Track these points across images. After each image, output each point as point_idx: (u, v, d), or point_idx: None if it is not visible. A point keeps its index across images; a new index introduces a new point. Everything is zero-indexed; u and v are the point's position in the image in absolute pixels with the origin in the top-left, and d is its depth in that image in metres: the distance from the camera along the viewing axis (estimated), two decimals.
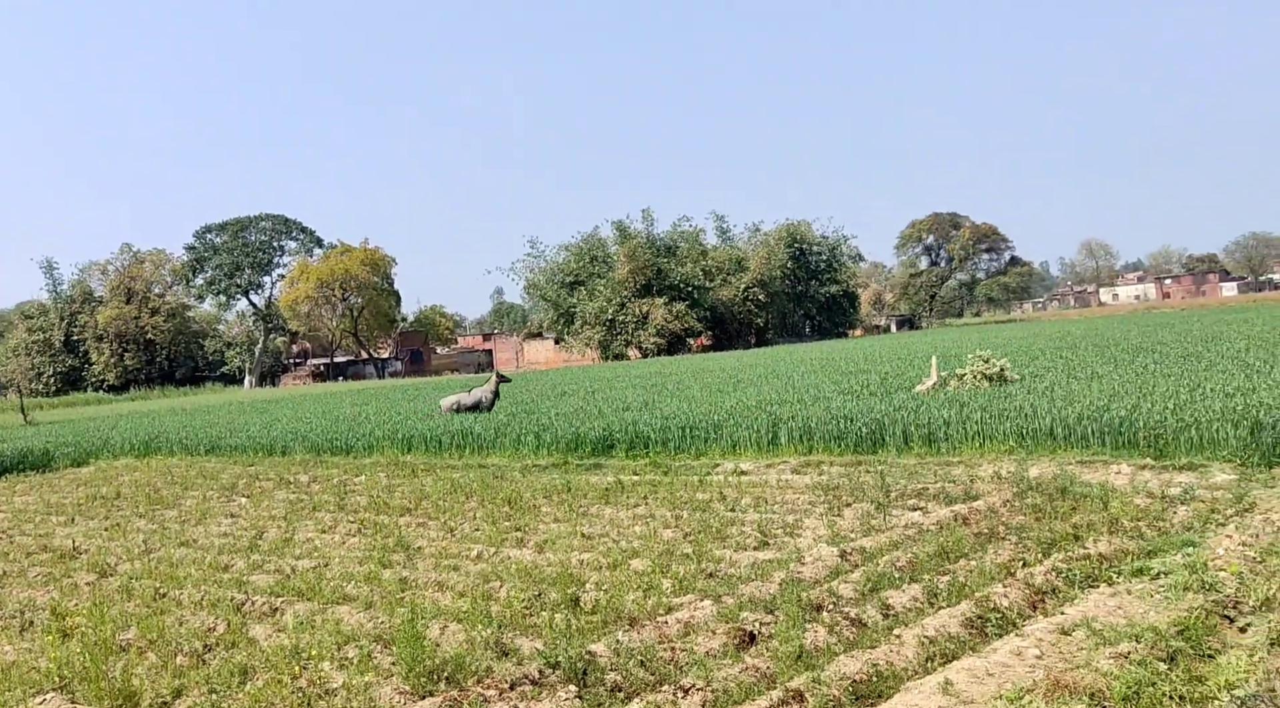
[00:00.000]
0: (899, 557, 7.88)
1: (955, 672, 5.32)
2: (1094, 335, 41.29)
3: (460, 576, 8.61)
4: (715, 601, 6.96)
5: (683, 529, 9.91)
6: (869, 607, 6.60)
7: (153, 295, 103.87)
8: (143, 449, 24.73)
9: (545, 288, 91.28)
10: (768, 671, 5.60)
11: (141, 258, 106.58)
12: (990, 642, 5.88)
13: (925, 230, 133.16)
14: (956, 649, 5.80)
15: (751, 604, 6.80)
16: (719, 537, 9.44)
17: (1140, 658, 5.24)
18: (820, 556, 8.11)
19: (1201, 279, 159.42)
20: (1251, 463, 11.20)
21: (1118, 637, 5.58)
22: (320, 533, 11.49)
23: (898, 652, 5.71)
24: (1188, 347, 27.31)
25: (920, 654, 5.71)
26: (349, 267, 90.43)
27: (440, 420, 21.47)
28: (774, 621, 6.42)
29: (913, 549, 8.15)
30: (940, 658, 5.69)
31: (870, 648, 5.77)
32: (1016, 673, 5.29)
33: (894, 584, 7.15)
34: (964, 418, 14.03)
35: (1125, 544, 7.92)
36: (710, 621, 6.58)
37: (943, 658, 5.68)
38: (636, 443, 16.33)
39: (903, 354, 37.69)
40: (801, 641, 5.95)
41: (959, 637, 5.97)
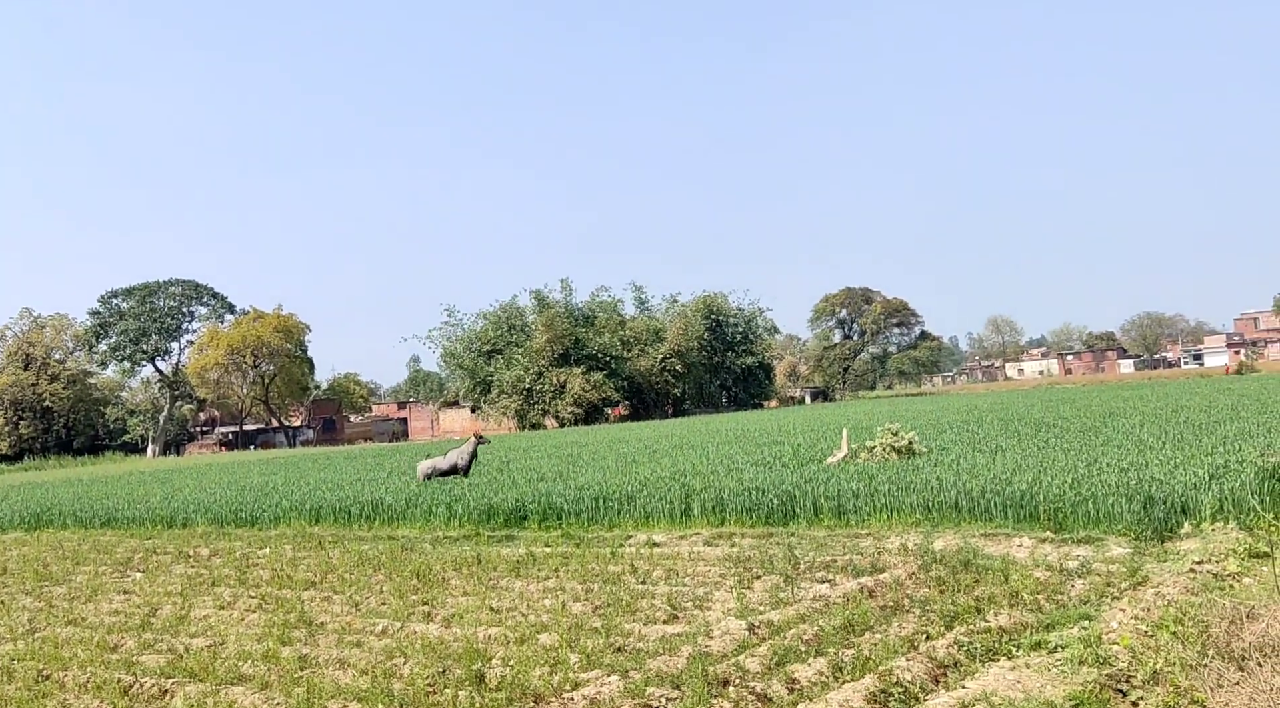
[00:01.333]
0: (806, 630, 7.93)
1: None
2: (999, 409, 42.44)
3: (363, 652, 8.38)
4: (623, 676, 6.90)
5: (593, 603, 9.82)
6: (775, 681, 6.61)
7: (52, 362, 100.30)
8: (33, 522, 23.66)
9: (462, 356, 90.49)
10: None
11: (42, 323, 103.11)
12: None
13: (838, 304, 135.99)
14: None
15: (659, 680, 6.75)
16: (629, 610, 9.37)
17: None
18: (728, 629, 8.11)
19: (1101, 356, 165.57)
20: (1144, 537, 11.58)
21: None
22: (218, 609, 11.09)
23: None
24: (1087, 422, 28.25)
25: None
26: (261, 333, 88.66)
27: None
28: (680, 696, 6.39)
29: (819, 622, 8.20)
30: None
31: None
32: None
33: (800, 658, 7.18)
34: (872, 491, 14.27)
35: (1025, 617, 8.09)
36: (617, 697, 6.51)
37: None
38: (550, 514, 16.20)
39: (816, 426, 38.21)
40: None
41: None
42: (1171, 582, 9.09)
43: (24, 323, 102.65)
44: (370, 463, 36.33)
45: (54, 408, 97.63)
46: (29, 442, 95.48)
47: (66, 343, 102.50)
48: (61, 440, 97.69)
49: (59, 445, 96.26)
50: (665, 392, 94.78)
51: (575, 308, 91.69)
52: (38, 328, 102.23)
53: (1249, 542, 10.62)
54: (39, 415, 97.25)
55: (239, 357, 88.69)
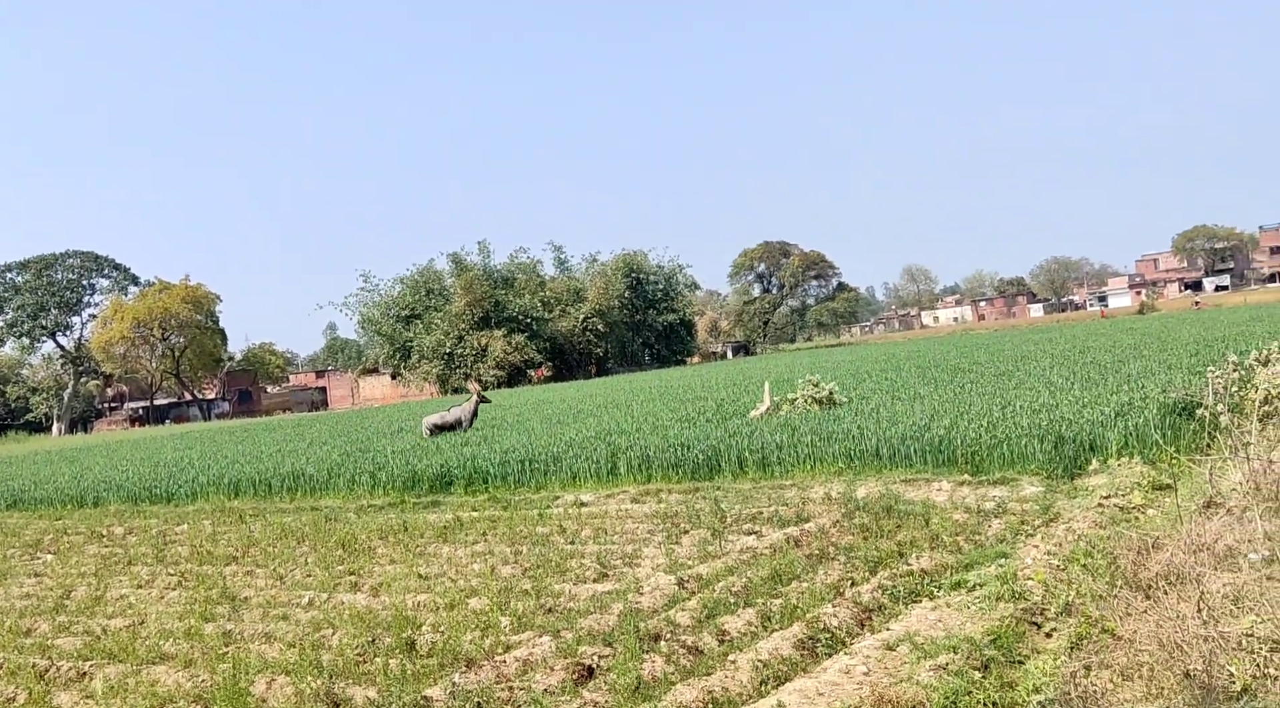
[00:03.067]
0: (734, 582, 8.03)
1: (788, 694, 5.46)
2: (916, 357, 43.35)
3: (290, 625, 8.26)
4: (554, 636, 6.91)
5: (522, 565, 9.81)
6: (705, 634, 6.69)
7: None
8: None
9: (380, 322, 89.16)
10: (606, 704, 5.59)
11: None
12: (821, 661, 6.05)
13: (757, 259, 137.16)
14: (789, 671, 5.94)
15: (590, 638, 6.79)
16: (558, 571, 9.39)
17: (957, 669, 5.50)
18: (658, 585, 8.18)
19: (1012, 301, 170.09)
20: (1056, 475, 11.97)
21: (937, 649, 5.84)
22: (136, 589, 10.81)
23: (733, 677, 5.81)
24: (1000, 366, 29.02)
25: (755, 678, 5.82)
26: (168, 305, 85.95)
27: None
28: (612, 653, 6.43)
29: (747, 574, 8.32)
30: (774, 681, 5.81)
31: (706, 675, 5.84)
32: (845, 691, 5.46)
33: (729, 610, 7.28)
34: (795, 442, 14.47)
35: (945, 559, 8.31)
36: (549, 657, 6.53)
37: (776, 681, 5.81)
38: (475, 479, 16.10)
39: (738, 380, 38.58)
40: (639, 672, 5.97)
41: (791, 658, 6.12)
42: (1081, 517, 9.41)
43: None
44: (290, 434, 35.67)
45: None
46: None
47: None
48: None
49: None
50: (588, 352, 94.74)
51: (494, 270, 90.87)
52: None
53: (1152, 475, 11.05)
54: None
55: (146, 330, 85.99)
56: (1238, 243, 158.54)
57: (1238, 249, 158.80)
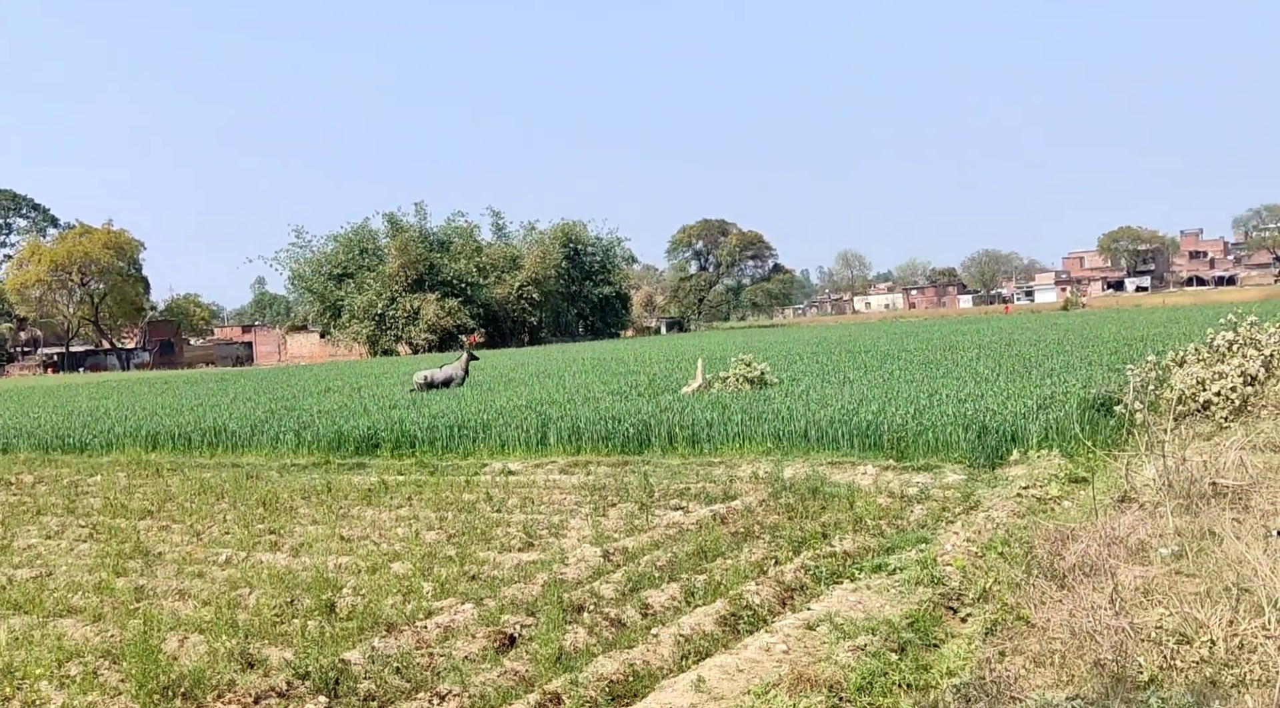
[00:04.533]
0: (659, 557, 8.06)
1: (708, 669, 5.50)
2: (848, 341, 43.91)
3: (206, 583, 8.09)
4: (477, 604, 6.87)
5: (447, 531, 9.74)
6: (629, 607, 6.71)
7: None
8: None
9: (311, 280, 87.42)
10: (527, 674, 5.58)
11: None
12: (742, 638, 6.11)
13: (695, 236, 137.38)
14: (710, 647, 5.99)
15: (513, 607, 6.76)
16: (484, 538, 9.34)
17: (874, 650, 5.59)
18: (584, 556, 8.18)
19: (942, 291, 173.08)
20: (978, 464, 12.23)
21: (856, 630, 5.93)
22: (45, 539, 10.50)
23: (654, 651, 5.83)
24: (928, 354, 29.52)
25: (676, 653, 5.86)
26: (89, 250, 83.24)
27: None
28: (535, 623, 6.41)
29: (673, 549, 8.36)
30: (695, 656, 5.85)
31: (628, 648, 5.86)
32: (765, 668, 5.52)
33: (654, 584, 7.31)
34: (725, 420, 14.56)
35: (868, 541, 8.44)
36: (471, 624, 6.49)
37: (697, 656, 5.85)
38: (403, 442, 15.93)
39: (671, 356, 38.70)
40: (561, 642, 5.97)
41: (713, 634, 6.17)
42: (1000, 506, 9.63)
43: None
44: (213, 388, 34.90)
45: None
46: None
47: None
48: None
49: None
50: (522, 320, 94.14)
51: (430, 232, 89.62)
52: None
53: (1070, 468, 11.34)
54: None
55: (64, 274, 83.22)
56: (1160, 246, 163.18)
57: (1159, 252, 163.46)
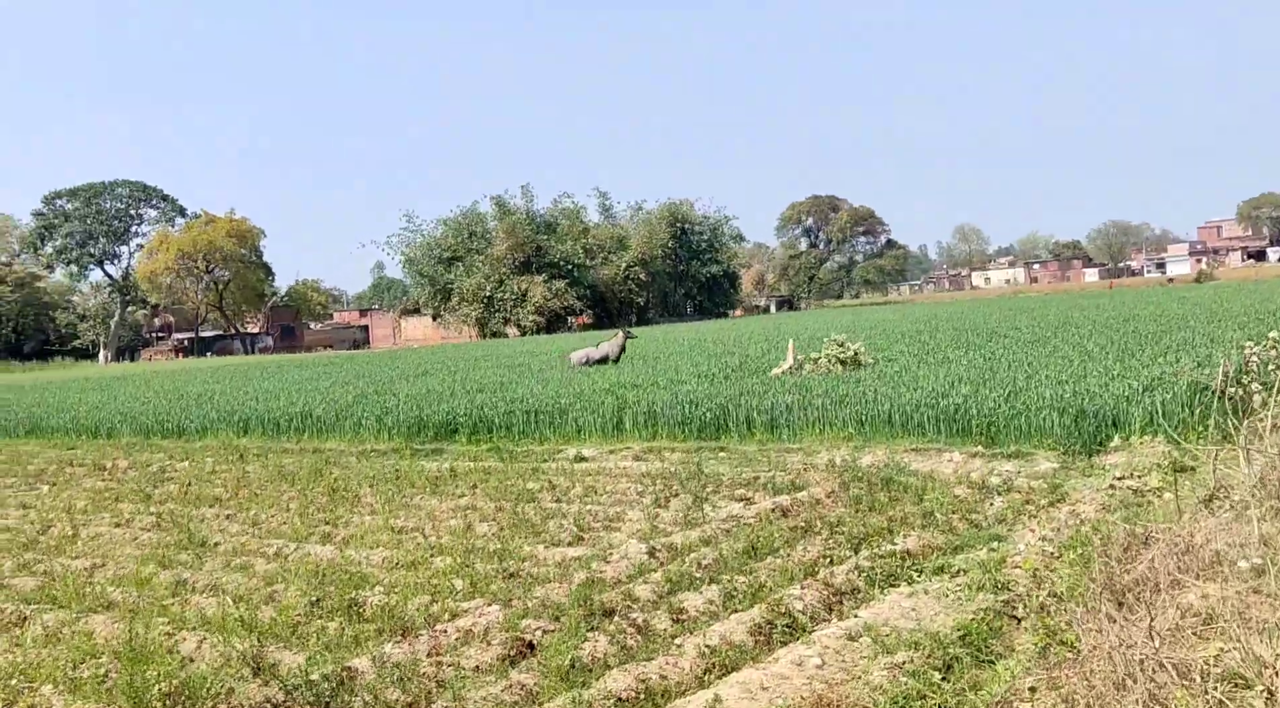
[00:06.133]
0: (707, 555, 7.59)
1: (729, 687, 5.03)
2: (957, 319, 42.35)
3: (246, 577, 7.97)
4: (505, 605, 6.53)
5: (500, 523, 9.45)
6: (660, 612, 6.28)
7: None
8: None
9: (422, 263, 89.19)
10: (533, 688, 5.21)
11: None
12: (775, 650, 5.61)
13: (805, 212, 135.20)
14: (738, 660, 5.51)
15: (540, 610, 6.40)
16: (534, 532, 9.01)
17: (915, 668, 5.04)
18: (628, 553, 7.77)
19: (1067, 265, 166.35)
20: (1073, 451, 11.34)
21: (899, 645, 5.37)
22: (113, 527, 10.63)
23: (675, 664, 5.39)
24: (1039, 332, 28.10)
25: (699, 666, 5.40)
26: (213, 238, 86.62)
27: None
28: (558, 628, 6.04)
29: (724, 546, 7.88)
30: (719, 670, 5.38)
31: (647, 660, 5.43)
32: (791, 686, 5.02)
33: (694, 586, 6.85)
34: (805, 404, 13.93)
35: (935, 539, 7.81)
36: (492, 628, 6.15)
37: (721, 670, 5.38)
38: (480, 428, 15.78)
39: (774, 336, 37.90)
40: (578, 653, 5.58)
41: (744, 645, 5.69)
42: (1089, 499, 8.85)
43: None
44: (319, 371, 35.72)
45: (1, 312, 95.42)
46: None
47: (12, 245, 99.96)
48: (11, 345, 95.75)
49: (8, 350, 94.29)
50: (629, 301, 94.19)
51: (537, 215, 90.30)
52: None
53: (1175, 456, 10.40)
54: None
55: (190, 261, 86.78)
56: None
57: None
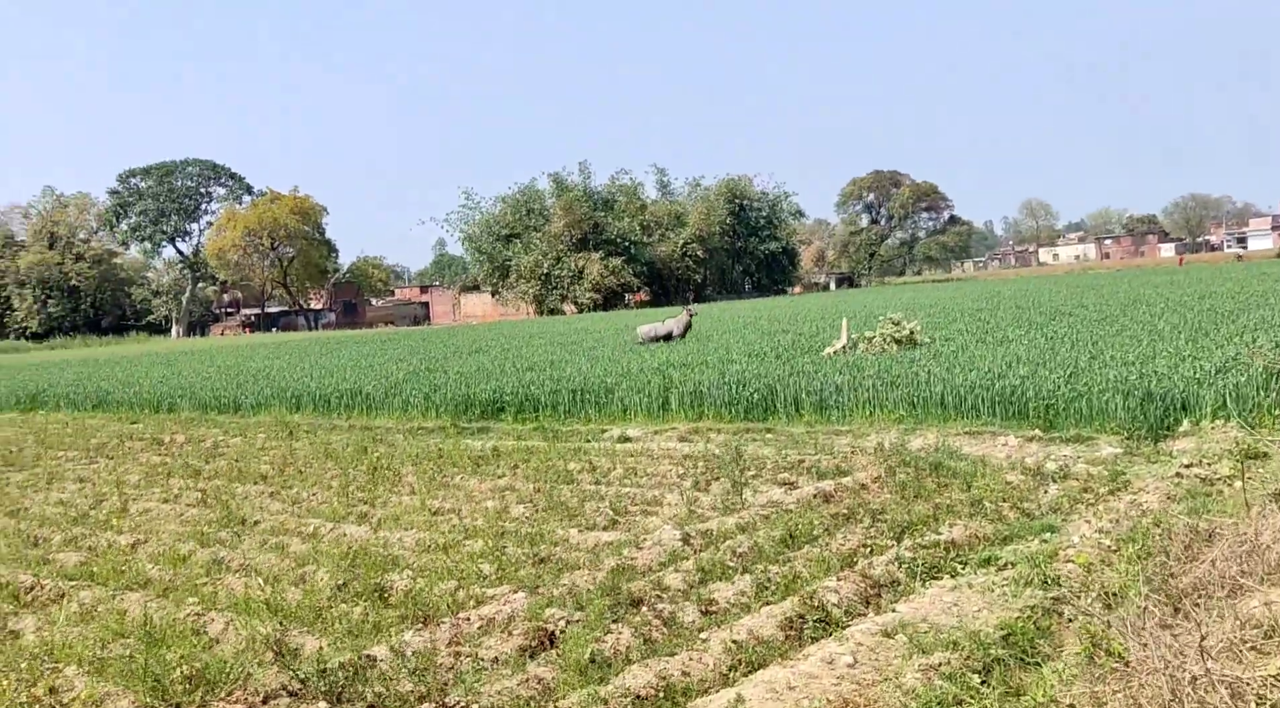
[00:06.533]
0: (743, 542, 7.36)
1: (753, 686, 4.80)
2: (1021, 296, 41.30)
3: (279, 557, 7.94)
4: (531, 592, 6.38)
5: (537, 505, 9.31)
6: (689, 603, 6.06)
7: (77, 241, 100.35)
8: (28, 403, 23.59)
9: (480, 240, 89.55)
10: (550, 683, 5.03)
11: (65, 202, 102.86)
12: (805, 647, 5.36)
13: (866, 188, 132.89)
14: (766, 656, 5.28)
15: (566, 598, 6.23)
16: (570, 515, 8.85)
17: (952, 671, 4.76)
18: (662, 539, 7.56)
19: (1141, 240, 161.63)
20: (1138, 436, 10.86)
21: (936, 644, 5.09)
22: (161, 503, 10.72)
23: (699, 659, 5.18)
24: (1106, 310, 27.23)
25: (723, 663, 5.18)
26: (277, 215, 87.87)
27: None
28: (582, 618, 5.86)
29: (761, 533, 7.63)
30: (745, 667, 5.16)
31: (670, 655, 5.22)
32: (820, 686, 4.78)
33: (726, 575, 6.63)
34: (855, 384, 13.58)
35: (983, 528, 7.48)
36: (516, 616, 6.00)
37: (747, 667, 5.15)
38: (526, 406, 15.69)
39: (831, 313, 37.31)
40: (599, 645, 5.39)
41: (772, 641, 5.45)
42: (1153, 487, 8.42)
43: (47, 202, 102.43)
44: (374, 347, 36.08)
45: (80, 288, 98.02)
46: (58, 320, 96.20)
47: (90, 222, 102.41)
48: (89, 320, 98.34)
49: (87, 325, 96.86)
50: (686, 278, 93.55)
51: (594, 191, 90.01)
52: (61, 207, 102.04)
53: (1249, 442, 9.89)
54: (66, 295, 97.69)
55: (256, 238, 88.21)
56: None
57: None
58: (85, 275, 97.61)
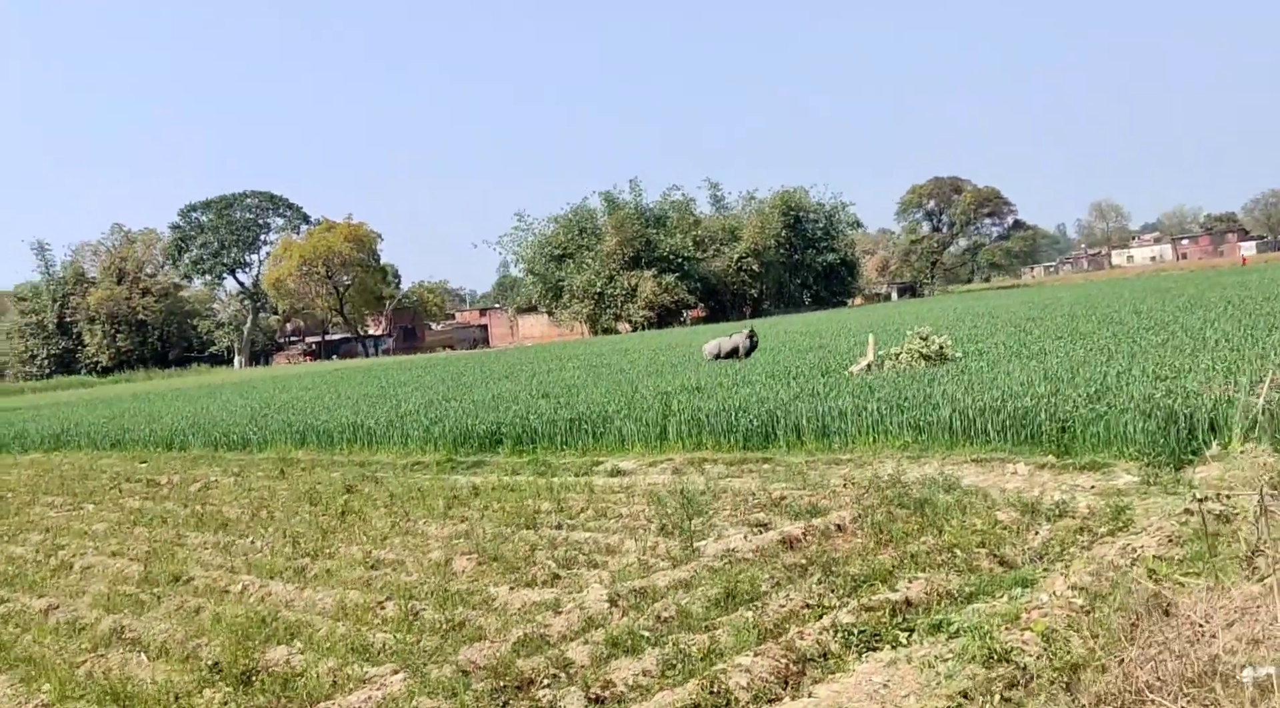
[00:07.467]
0: (672, 604, 6.56)
1: None
2: (1079, 302, 39.62)
3: (182, 625, 7.35)
4: (413, 673, 5.68)
5: (489, 554, 8.60)
6: (576, 689, 5.29)
7: (144, 276, 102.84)
8: (53, 443, 23.64)
9: (533, 261, 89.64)
10: None
11: (133, 238, 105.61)
12: None
13: (926, 195, 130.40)
14: None
15: (449, 682, 5.51)
16: (512, 568, 8.13)
17: None
18: (588, 601, 6.81)
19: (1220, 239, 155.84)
20: (1159, 462, 9.79)
21: None
22: (108, 557, 10.25)
23: None
24: (1163, 315, 25.74)
25: None
26: (332, 244, 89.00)
27: None
28: None
29: (699, 591, 6.83)
30: None
31: None
32: None
33: (636, 649, 5.84)
34: (860, 408, 12.66)
35: (948, 583, 6.58)
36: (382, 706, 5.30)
37: None
38: (523, 438, 15.03)
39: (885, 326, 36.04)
40: None
41: None
42: (1156, 528, 7.42)
43: (115, 238, 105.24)
44: (414, 374, 35.83)
45: (148, 321, 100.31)
46: (126, 354, 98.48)
47: (156, 257, 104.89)
48: (157, 353, 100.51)
49: (155, 358, 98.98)
50: (741, 292, 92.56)
51: (646, 209, 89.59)
52: (128, 242, 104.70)
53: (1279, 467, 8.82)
54: (134, 329, 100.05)
55: (311, 267, 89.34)
56: None
57: None
58: (152, 309, 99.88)
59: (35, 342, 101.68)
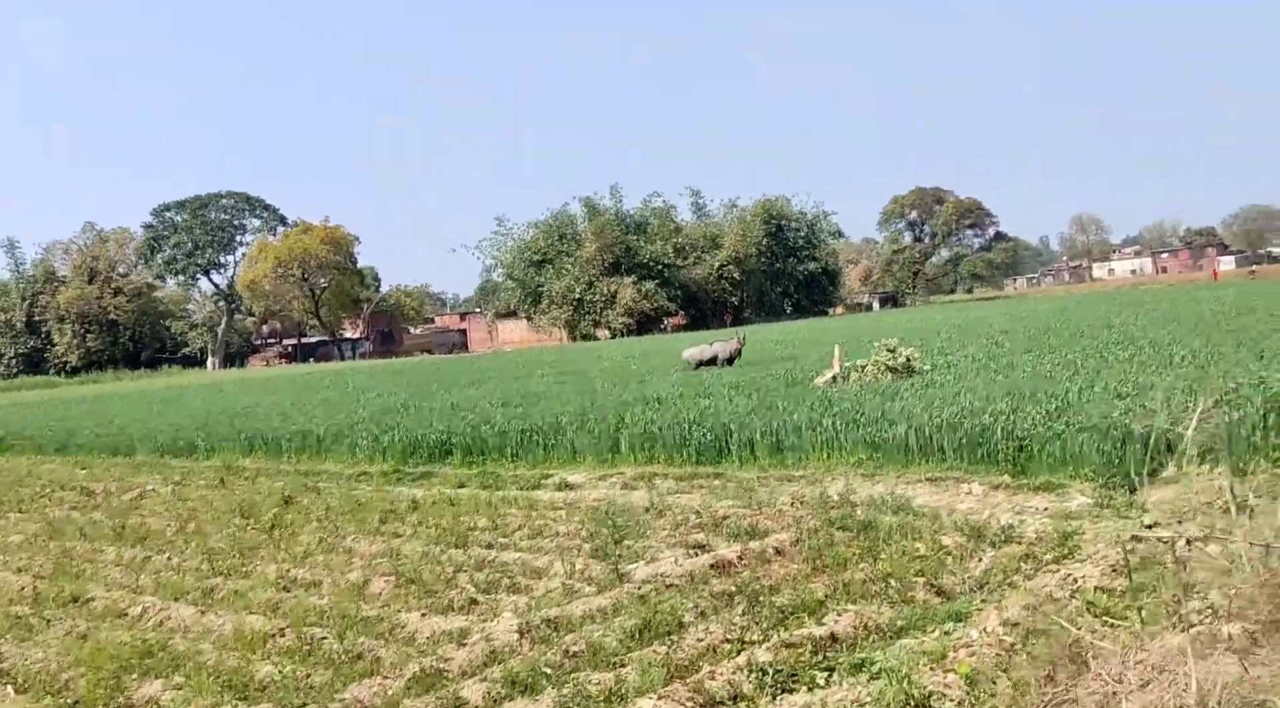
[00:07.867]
0: (583, 637, 6.14)
1: None
2: (1055, 315, 39.47)
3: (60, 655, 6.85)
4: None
5: (403, 576, 8.16)
6: None
7: (116, 275, 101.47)
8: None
9: (512, 266, 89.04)
10: None
11: (105, 237, 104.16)
12: None
13: (908, 205, 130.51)
14: None
15: None
16: (430, 592, 7.69)
17: None
18: (496, 632, 6.38)
19: (1199, 253, 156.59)
20: (1113, 483, 9.44)
21: None
22: (14, 574, 9.74)
23: None
24: (1132, 330, 25.51)
25: None
26: (308, 245, 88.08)
27: None
28: None
29: (616, 621, 6.42)
30: None
31: None
32: None
33: (534, 688, 5.43)
34: (814, 424, 12.28)
35: (879, 615, 6.19)
36: None
37: None
38: (474, 449, 14.58)
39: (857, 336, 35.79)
40: None
41: None
42: (1101, 556, 7.09)
43: (87, 237, 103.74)
44: (385, 379, 35.28)
45: (119, 321, 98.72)
46: (96, 354, 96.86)
47: (129, 256, 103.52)
48: (128, 353, 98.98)
49: (126, 359, 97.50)
50: (723, 300, 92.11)
51: (626, 215, 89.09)
52: (100, 242, 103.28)
53: (1241, 490, 8.42)
54: (105, 329, 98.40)
55: (286, 269, 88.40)
56: None
57: None
58: (123, 309, 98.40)
59: (3, 341, 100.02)
